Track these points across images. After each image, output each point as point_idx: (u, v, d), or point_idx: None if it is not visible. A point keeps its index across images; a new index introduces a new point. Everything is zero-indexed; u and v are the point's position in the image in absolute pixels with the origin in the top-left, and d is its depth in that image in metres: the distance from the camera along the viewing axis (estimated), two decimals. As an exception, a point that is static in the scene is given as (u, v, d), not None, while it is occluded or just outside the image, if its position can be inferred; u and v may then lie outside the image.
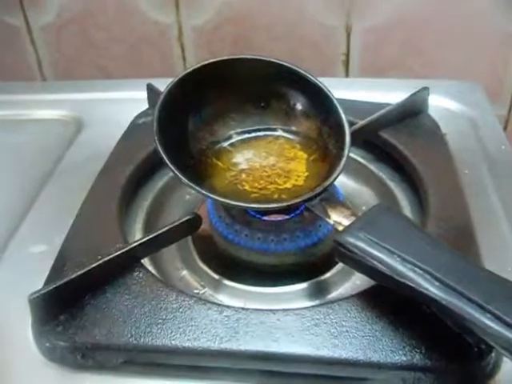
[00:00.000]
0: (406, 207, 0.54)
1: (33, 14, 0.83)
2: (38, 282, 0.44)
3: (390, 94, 0.65)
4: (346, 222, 0.42)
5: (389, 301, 0.40)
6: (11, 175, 0.61)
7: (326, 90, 0.49)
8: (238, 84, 0.50)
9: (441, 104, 0.66)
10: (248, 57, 0.50)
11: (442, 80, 0.69)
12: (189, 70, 0.49)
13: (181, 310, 0.41)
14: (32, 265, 0.49)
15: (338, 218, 0.43)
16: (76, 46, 0.86)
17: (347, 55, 0.80)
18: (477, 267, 0.38)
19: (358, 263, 0.39)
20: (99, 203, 0.51)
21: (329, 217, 0.43)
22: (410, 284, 0.37)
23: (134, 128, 0.61)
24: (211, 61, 0.49)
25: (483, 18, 0.75)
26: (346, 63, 0.81)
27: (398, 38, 0.77)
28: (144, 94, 0.64)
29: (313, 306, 0.41)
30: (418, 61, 0.78)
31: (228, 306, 0.41)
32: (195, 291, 0.49)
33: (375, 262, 0.38)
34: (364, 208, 0.54)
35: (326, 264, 0.49)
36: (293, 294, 0.48)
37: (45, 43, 0.86)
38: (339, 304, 0.41)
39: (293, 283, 0.48)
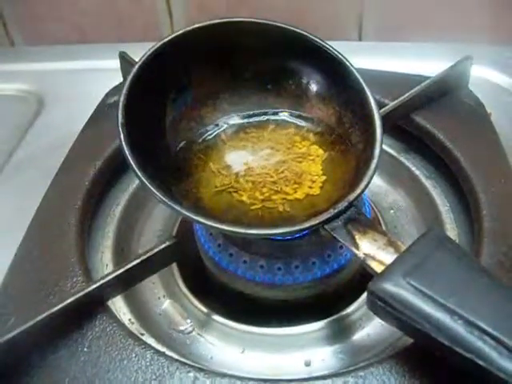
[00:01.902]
0: (447, 214, 0.44)
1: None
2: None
3: (416, 62, 0.59)
4: (383, 258, 0.31)
5: (436, 364, 0.30)
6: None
7: (347, 63, 0.39)
8: (233, 56, 0.40)
9: (482, 75, 0.57)
10: (247, 20, 0.40)
11: (480, 44, 0.59)
12: (170, 37, 0.39)
13: (158, 380, 0.31)
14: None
15: (371, 250, 0.32)
16: (44, 2, 0.75)
17: (360, 13, 0.69)
18: None
19: (401, 321, 0.29)
20: (55, 214, 0.41)
21: (357, 247, 0.32)
22: (478, 361, 0.26)
23: (104, 109, 0.51)
24: (199, 25, 0.39)
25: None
26: (360, 20, 0.70)
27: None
28: (116, 63, 0.54)
29: (336, 375, 0.31)
30: (449, 21, 0.67)
31: (221, 374, 0.31)
32: (180, 328, 0.39)
33: (427, 325, 0.28)
34: (392, 212, 0.46)
35: (347, 296, 0.39)
36: (306, 337, 0.38)
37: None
38: (372, 371, 0.31)
39: (305, 322, 0.38)
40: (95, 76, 0.60)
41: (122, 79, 0.53)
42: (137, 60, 0.46)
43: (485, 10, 0.67)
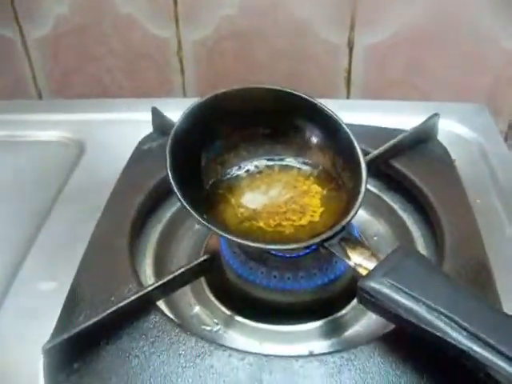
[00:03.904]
0: (419, 239, 0.54)
1: (28, 26, 0.81)
2: (48, 322, 0.43)
3: (394, 117, 0.66)
4: (368, 264, 0.41)
5: (411, 345, 0.40)
6: (10, 204, 0.60)
7: (340, 121, 0.48)
8: (250, 115, 0.49)
9: (448, 128, 0.66)
10: (263, 87, 0.49)
11: (447, 102, 0.69)
12: (200, 101, 0.47)
13: (200, 357, 0.40)
14: (41, 303, 0.48)
15: (359, 260, 0.42)
16: (73, 60, 0.84)
17: (349, 72, 0.80)
18: (504, 315, 0.38)
19: (383, 310, 0.39)
20: (109, 237, 0.50)
21: (349, 258, 0.42)
22: (437, 333, 0.36)
23: (140, 154, 0.60)
24: (224, 90, 0.48)
25: (487, 35, 0.74)
26: (348, 80, 0.80)
27: (402, 56, 0.77)
28: (146, 116, 0.63)
29: (335, 352, 0.40)
30: (422, 79, 0.78)
31: (249, 353, 0.40)
32: (208, 328, 0.48)
33: (401, 310, 0.38)
34: (375, 238, 0.55)
35: (342, 301, 0.48)
36: (309, 333, 0.47)
37: (40, 57, 0.84)
38: (362, 349, 0.40)
39: (309, 321, 0.47)
40: (124, 125, 0.68)
41: (148, 129, 0.62)
42: (166, 114, 0.57)
43: (452, 73, 0.78)
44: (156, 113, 0.62)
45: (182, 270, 0.45)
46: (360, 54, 0.78)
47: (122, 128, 0.68)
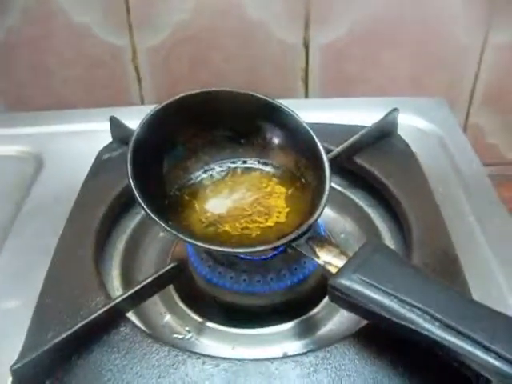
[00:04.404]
0: (386, 233, 0.54)
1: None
2: (15, 341, 0.42)
3: (354, 114, 0.67)
4: (337, 262, 0.41)
5: (385, 339, 0.40)
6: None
7: (300, 120, 0.48)
8: (211, 117, 0.49)
9: (408, 122, 0.66)
10: (223, 90, 0.48)
11: (406, 97, 0.70)
12: (158, 107, 0.47)
13: (174, 366, 0.39)
14: (6, 322, 0.47)
15: (328, 258, 0.42)
16: (26, 72, 0.82)
17: (306, 71, 0.80)
18: (475, 303, 0.38)
19: (355, 306, 0.39)
20: (73, 250, 0.49)
21: (317, 257, 0.42)
22: (411, 326, 0.36)
23: (100, 164, 0.59)
24: (184, 94, 0.48)
25: (442, 29, 0.75)
26: (306, 80, 0.80)
27: (358, 53, 0.77)
28: (104, 125, 0.62)
29: (310, 351, 0.40)
30: (380, 75, 0.78)
31: (223, 358, 0.40)
32: (180, 336, 0.48)
33: (372, 305, 0.38)
34: (343, 236, 0.55)
35: (313, 300, 0.48)
36: (282, 334, 0.47)
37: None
38: (336, 347, 0.40)
39: (281, 323, 0.47)
40: (83, 136, 0.68)
41: (108, 139, 0.61)
42: (125, 123, 0.56)
43: (410, 68, 0.79)
44: (114, 122, 0.61)
45: (150, 279, 0.45)
46: (316, 53, 0.78)
47: (81, 139, 0.68)
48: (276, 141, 0.50)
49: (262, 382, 0.38)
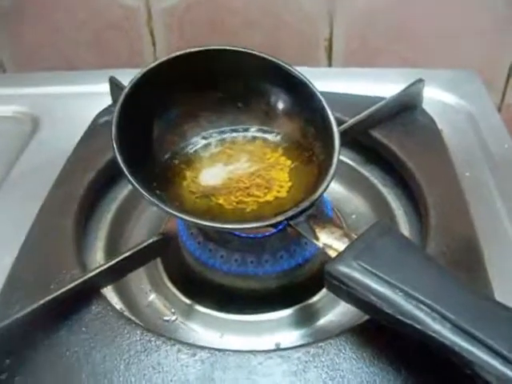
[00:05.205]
0: (402, 217, 0.49)
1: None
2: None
3: (378, 85, 0.61)
4: (338, 246, 0.36)
5: (388, 337, 0.35)
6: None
7: (310, 85, 0.43)
8: (211, 79, 0.44)
9: (435, 96, 0.61)
10: (222, 48, 0.44)
11: (435, 69, 0.64)
12: (154, 64, 0.42)
13: (146, 352, 0.35)
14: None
15: (328, 240, 0.37)
16: (36, 32, 0.79)
17: (330, 41, 0.74)
18: (496, 304, 0.32)
19: (353, 297, 0.34)
20: (53, 218, 0.46)
21: (317, 238, 0.37)
22: (416, 325, 0.31)
23: (95, 128, 0.55)
24: (180, 53, 0.43)
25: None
26: (329, 50, 0.75)
27: (386, 23, 0.72)
28: (107, 87, 0.58)
29: (300, 346, 0.35)
30: (408, 48, 0.73)
31: (201, 347, 0.35)
32: (165, 318, 0.44)
33: (373, 298, 0.32)
34: (354, 217, 0.50)
35: (313, 287, 0.43)
36: (276, 323, 0.42)
37: (2, 29, 0.79)
38: (331, 343, 0.35)
39: (276, 310, 0.42)
40: (85, 99, 0.64)
41: (110, 102, 0.57)
42: (125, 84, 0.51)
43: (439, 40, 0.73)
44: (114, 83, 0.56)
45: (131, 251, 0.40)
46: (341, 21, 0.72)
47: (81, 101, 0.64)
48: (282, 107, 0.45)
49: (242, 377, 0.34)
